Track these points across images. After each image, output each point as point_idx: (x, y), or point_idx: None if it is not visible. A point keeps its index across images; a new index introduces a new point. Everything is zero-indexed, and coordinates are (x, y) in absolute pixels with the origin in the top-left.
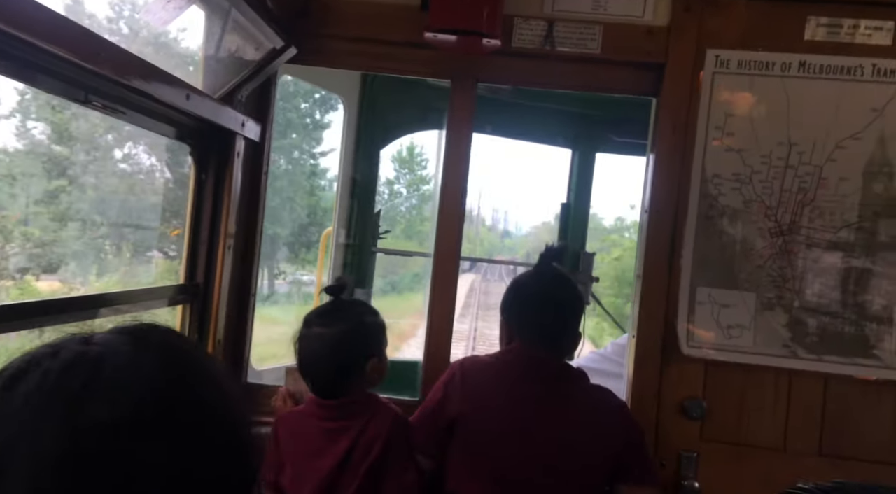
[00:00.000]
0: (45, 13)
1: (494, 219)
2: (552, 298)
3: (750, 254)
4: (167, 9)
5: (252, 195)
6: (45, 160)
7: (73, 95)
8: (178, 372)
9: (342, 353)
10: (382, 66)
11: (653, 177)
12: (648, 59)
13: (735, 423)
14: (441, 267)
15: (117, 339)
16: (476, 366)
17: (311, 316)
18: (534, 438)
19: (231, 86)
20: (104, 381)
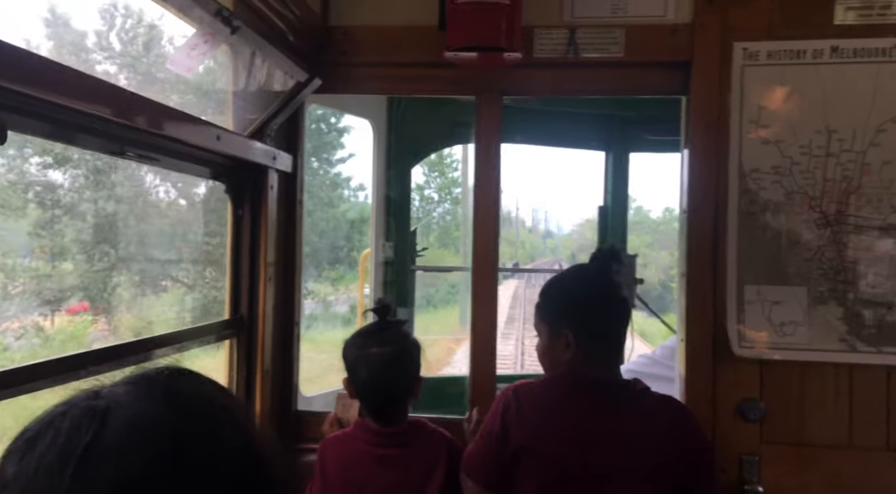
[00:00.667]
0: (77, 76)
1: (535, 220)
2: (615, 302)
3: (797, 248)
4: (191, 56)
5: (288, 224)
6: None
7: (109, 149)
8: (185, 418)
9: (401, 373)
10: (407, 88)
11: (688, 176)
12: (674, 58)
13: (796, 423)
14: (480, 281)
15: (122, 389)
16: (531, 394)
17: (362, 337)
18: (598, 463)
19: (260, 122)
20: (109, 439)
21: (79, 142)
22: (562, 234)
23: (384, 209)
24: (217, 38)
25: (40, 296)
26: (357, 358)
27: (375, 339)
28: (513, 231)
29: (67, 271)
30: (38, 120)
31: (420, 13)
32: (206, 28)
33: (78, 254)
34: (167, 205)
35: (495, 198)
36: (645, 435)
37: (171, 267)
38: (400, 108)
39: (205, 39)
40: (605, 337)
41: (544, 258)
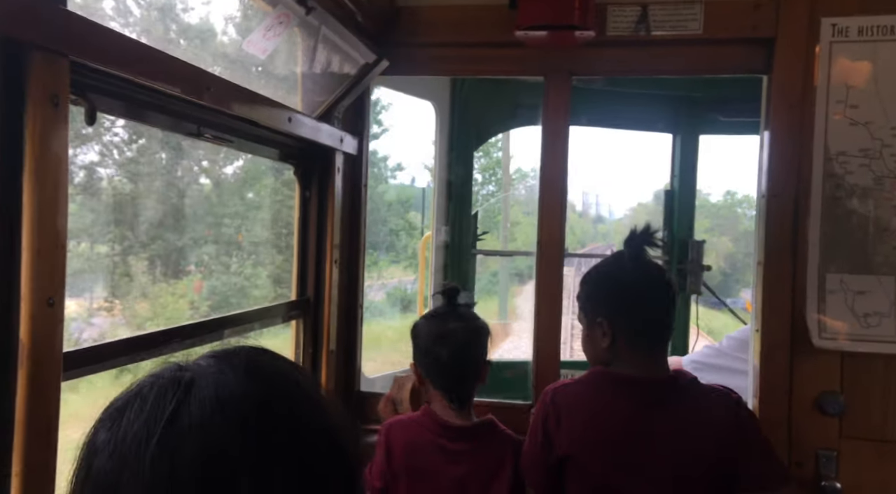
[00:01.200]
0: (158, 55)
1: (585, 204)
2: (652, 286)
3: (885, 236)
4: (267, 37)
5: (353, 208)
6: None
7: (186, 130)
8: (267, 390)
9: (475, 354)
10: (474, 69)
11: (769, 159)
12: (756, 35)
13: (879, 418)
14: (545, 267)
15: (205, 363)
16: (569, 398)
17: (436, 319)
18: (644, 464)
19: (328, 104)
20: (195, 407)
21: (158, 122)
22: (614, 219)
23: (445, 192)
24: (291, 19)
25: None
26: (435, 338)
27: (451, 319)
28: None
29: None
30: (121, 101)
31: None
32: (281, 9)
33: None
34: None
35: (563, 183)
36: (692, 432)
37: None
38: (463, 90)
39: (280, 20)
40: (643, 324)
41: (595, 243)
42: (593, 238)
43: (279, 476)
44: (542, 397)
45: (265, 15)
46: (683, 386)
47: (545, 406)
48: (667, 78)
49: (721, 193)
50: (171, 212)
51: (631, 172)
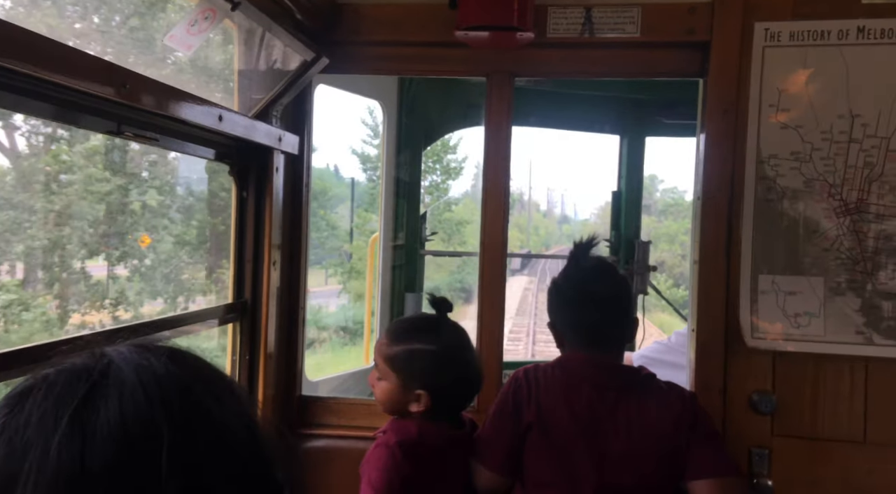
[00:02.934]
0: (73, 54)
1: (550, 203)
2: (592, 294)
3: (815, 237)
4: (191, 33)
5: (294, 208)
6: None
7: (106, 128)
8: (188, 373)
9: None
10: (416, 69)
11: (704, 161)
12: (692, 38)
13: (809, 416)
14: (488, 268)
15: (125, 349)
16: (539, 374)
17: (423, 333)
18: (605, 443)
19: (265, 102)
20: (113, 386)
21: (73, 121)
22: (579, 219)
23: (393, 191)
24: (218, 14)
25: None
26: (451, 359)
27: (458, 336)
28: (525, 215)
29: None
30: (32, 98)
31: None
32: (207, 3)
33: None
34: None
35: (505, 184)
36: (651, 415)
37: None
38: (411, 89)
39: (205, 15)
40: (585, 328)
41: (560, 245)
42: (558, 239)
43: (202, 460)
44: (513, 375)
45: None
46: (644, 377)
47: (517, 380)
48: (613, 80)
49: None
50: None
51: (596, 171)
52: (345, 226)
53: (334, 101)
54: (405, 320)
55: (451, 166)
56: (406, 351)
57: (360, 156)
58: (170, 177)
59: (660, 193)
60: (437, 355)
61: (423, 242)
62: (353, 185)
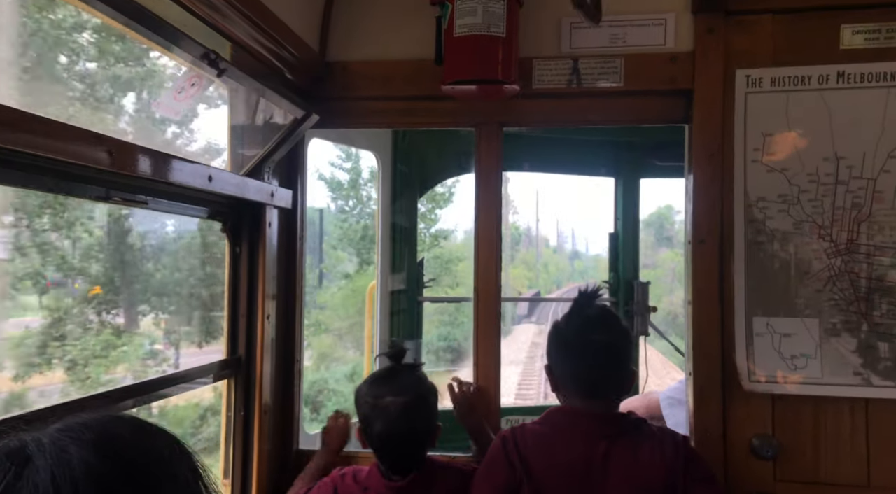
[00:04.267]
0: (57, 127)
1: (560, 237)
2: (592, 342)
3: (807, 278)
4: (178, 99)
5: (289, 261)
6: None
7: (93, 194)
8: (114, 468)
9: (419, 423)
10: (406, 122)
11: (693, 206)
12: (675, 87)
13: (811, 460)
14: (482, 313)
15: (49, 437)
16: (527, 434)
17: (375, 386)
18: (605, 485)
19: (257, 159)
20: (25, 488)
21: (60, 189)
22: (590, 255)
23: (389, 239)
24: (205, 80)
25: None
26: (371, 409)
27: (389, 387)
28: (533, 251)
29: None
30: (13, 170)
31: (417, 47)
32: (194, 71)
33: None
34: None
35: (497, 231)
36: (644, 461)
37: None
38: (405, 140)
39: (192, 82)
40: (580, 380)
41: (573, 283)
42: (570, 276)
43: None
44: (499, 435)
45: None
46: (633, 422)
47: (504, 439)
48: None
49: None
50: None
51: (602, 206)
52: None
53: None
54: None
55: (437, 191)
56: (355, 396)
57: (328, 182)
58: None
59: (679, 225)
60: (359, 412)
61: (422, 288)
62: (322, 218)
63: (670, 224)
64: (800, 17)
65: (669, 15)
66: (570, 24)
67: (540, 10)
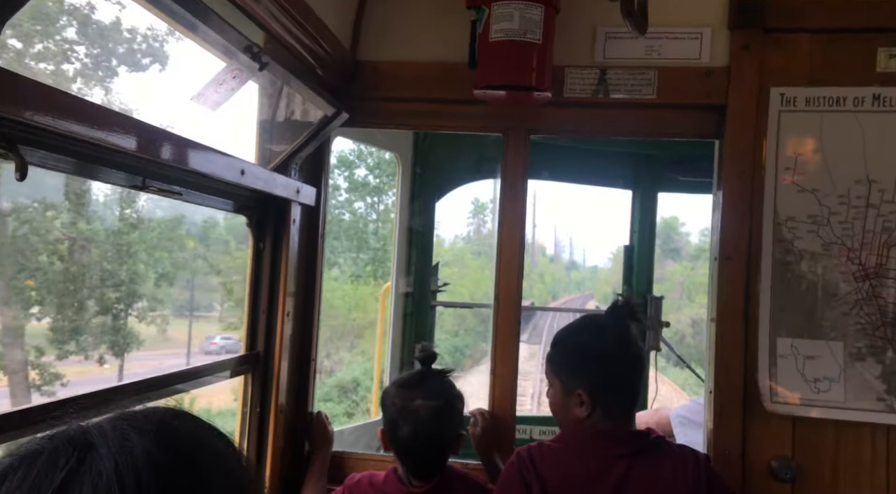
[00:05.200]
0: (98, 110)
1: (557, 246)
2: (633, 355)
3: (834, 301)
4: (219, 92)
5: (309, 259)
6: None
7: (131, 183)
8: (174, 458)
9: (446, 428)
10: (434, 124)
11: (721, 222)
12: (708, 102)
13: (830, 485)
14: (502, 321)
15: (110, 425)
16: (547, 455)
17: (405, 388)
18: None
19: (285, 155)
20: (88, 476)
21: (99, 176)
22: (587, 266)
23: (406, 241)
24: (245, 74)
25: None
26: (400, 411)
27: (420, 391)
28: (528, 259)
29: None
30: (58, 154)
31: (450, 50)
32: (235, 64)
33: None
34: None
35: (521, 238)
36: (666, 482)
37: None
38: (426, 142)
39: (233, 75)
40: (622, 395)
41: (570, 294)
42: (566, 287)
43: None
44: (516, 456)
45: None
46: (654, 441)
47: (522, 462)
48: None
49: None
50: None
51: (605, 216)
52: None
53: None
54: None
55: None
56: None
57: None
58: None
59: (694, 237)
60: (386, 414)
61: (436, 293)
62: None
63: (677, 235)
64: (837, 37)
65: (706, 29)
66: (606, 33)
67: (576, 18)
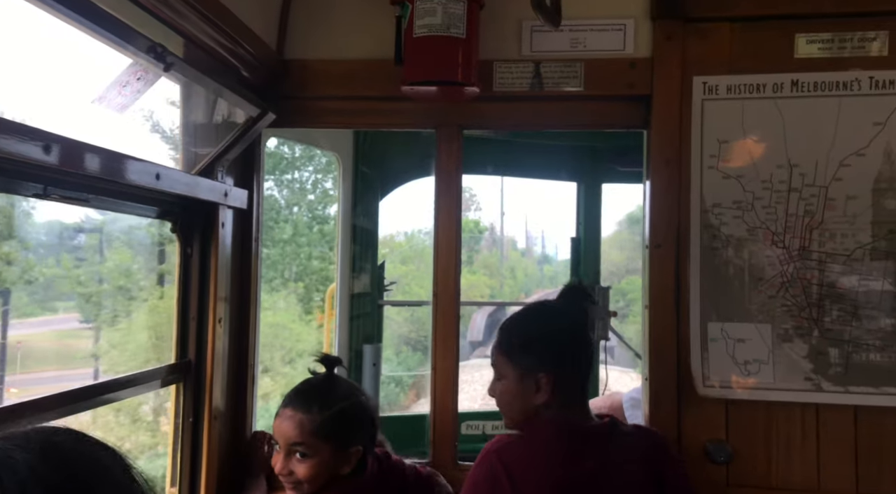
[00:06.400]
0: None
1: (529, 241)
2: (587, 341)
3: (760, 284)
4: (123, 93)
5: (244, 263)
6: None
7: (31, 191)
8: (58, 472)
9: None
10: (366, 122)
11: (650, 211)
12: (634, 92)
13: (764, 465)
14: (441, 316)
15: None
16: (514, 454)
17: (294, 393)
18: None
19: (210, 158)
20: None
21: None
22: (560, 260)
23: (350, 241)
24: (151, 75)
25: None
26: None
27: (300, 399)
28: (496, 253)
29: None
30: None
31: (377, 47)
32: (139, 64)
33: None
34: None
35: (456, 233)
36: (632, 464)
37: None
38: (367, 141)
39: (137, 76)
40: (581, 378)
41: (542, 290)
42: (539, 282)
43: None
44: (485, 458)
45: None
46: (613, 425)
47: (491, 465)
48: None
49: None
50: None
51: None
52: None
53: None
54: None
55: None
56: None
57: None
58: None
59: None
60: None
61: (383, 291)
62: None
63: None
64: (756, 25)
65: (629, 20)
66: (531, 27)
67: (501, 13)
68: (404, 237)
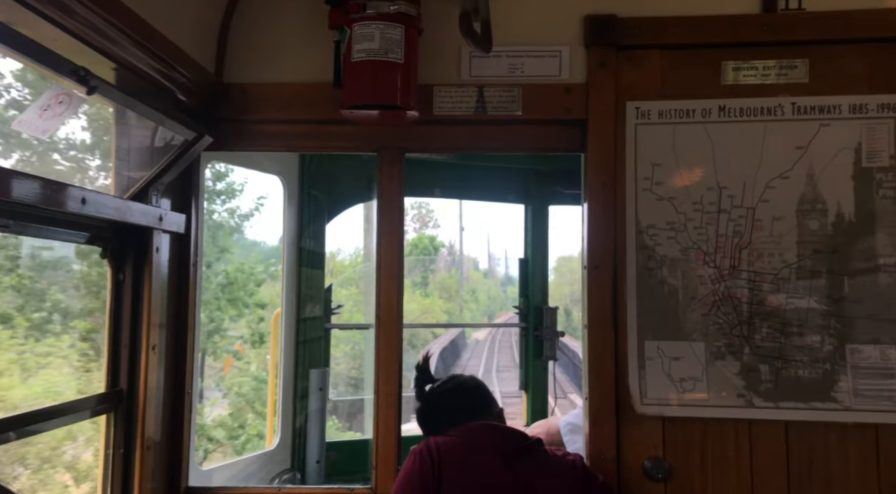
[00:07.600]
0: None
1: (492, 261)
2: (443, 404)
3: (693, 303)
4: (44, 117)
5: (181, 288)
6: None
7: None
8: None
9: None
10: (307, 146)
11: (588, 232)
12: (570, 117)
13: (700, 483)
14: (383, 340)
15: None
16: (444, 446)
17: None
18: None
19: (144, 182)
20: None
21: None
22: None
23: (296, 265)
24: (76, 98)
25: None
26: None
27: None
28: (455, 273)
29: None
30: None
31: (317, 70)
32: (60, 87)
33: None
34: None
35: (399, 257)
36: (551, 478)
37: None
38: (313, 164)
39: (59, 99)
40: (462, 414)
41: (506, 312)
42: (503, 305)
43: None
44: (415, 453)
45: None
46: (535, 443)
47: (420, 457)
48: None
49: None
50: None
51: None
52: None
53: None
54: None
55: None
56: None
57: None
58: None
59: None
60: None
61: (330, 315)
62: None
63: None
64: (685, 53)
65: (564, 47)
66: (470, 52)
67: (440, 39)
68: (348, 257)
